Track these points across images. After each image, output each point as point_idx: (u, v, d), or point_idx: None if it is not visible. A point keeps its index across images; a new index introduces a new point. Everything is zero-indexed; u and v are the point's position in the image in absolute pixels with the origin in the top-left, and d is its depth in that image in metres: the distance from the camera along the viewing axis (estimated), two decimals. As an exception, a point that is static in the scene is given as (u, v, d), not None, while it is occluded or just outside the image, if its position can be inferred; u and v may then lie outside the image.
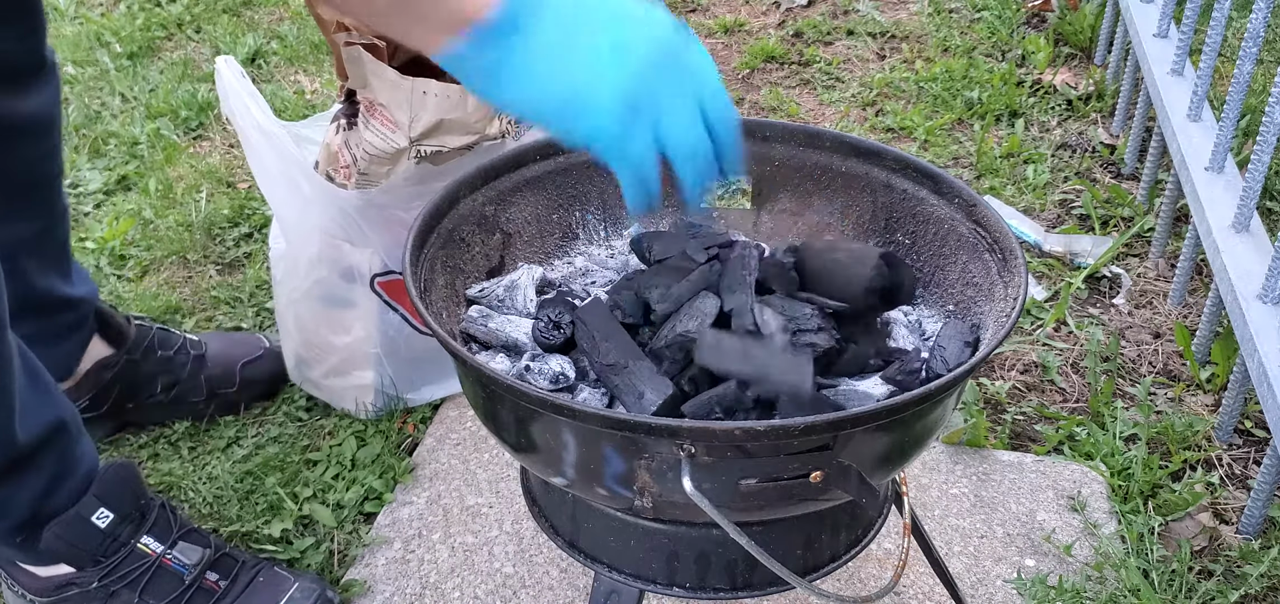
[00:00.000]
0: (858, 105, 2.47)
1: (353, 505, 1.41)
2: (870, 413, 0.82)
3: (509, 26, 0.77)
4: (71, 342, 1.44)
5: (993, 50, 2.71)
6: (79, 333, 1.45)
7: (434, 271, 1.02)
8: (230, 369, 1.56)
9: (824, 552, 0.99)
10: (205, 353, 1.56)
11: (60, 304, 1.39)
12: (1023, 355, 1.71)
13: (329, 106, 2.46)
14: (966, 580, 1.32)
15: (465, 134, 1.36)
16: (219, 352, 1.57)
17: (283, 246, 1.49)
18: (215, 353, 1.57)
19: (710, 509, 0.82)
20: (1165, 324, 1.78)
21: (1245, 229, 1.56)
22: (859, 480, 0.85)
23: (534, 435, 0.89)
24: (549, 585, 1.31)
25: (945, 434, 1.53)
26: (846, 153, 1.15)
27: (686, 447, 0.81)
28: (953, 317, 1.06)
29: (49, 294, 1.37)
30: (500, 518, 1.40)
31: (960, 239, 1.06)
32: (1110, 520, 1.40)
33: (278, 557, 1.33)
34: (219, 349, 1.58)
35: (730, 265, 1.00)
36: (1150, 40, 2.08)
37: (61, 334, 1.42)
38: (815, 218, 1.18)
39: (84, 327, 1.45)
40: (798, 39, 2.77)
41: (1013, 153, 2.23)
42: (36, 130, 1.28)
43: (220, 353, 1.57)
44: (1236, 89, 1.65)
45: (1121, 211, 2.04)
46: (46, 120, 1.29)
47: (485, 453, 1.50)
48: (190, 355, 1.54)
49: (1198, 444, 1.53)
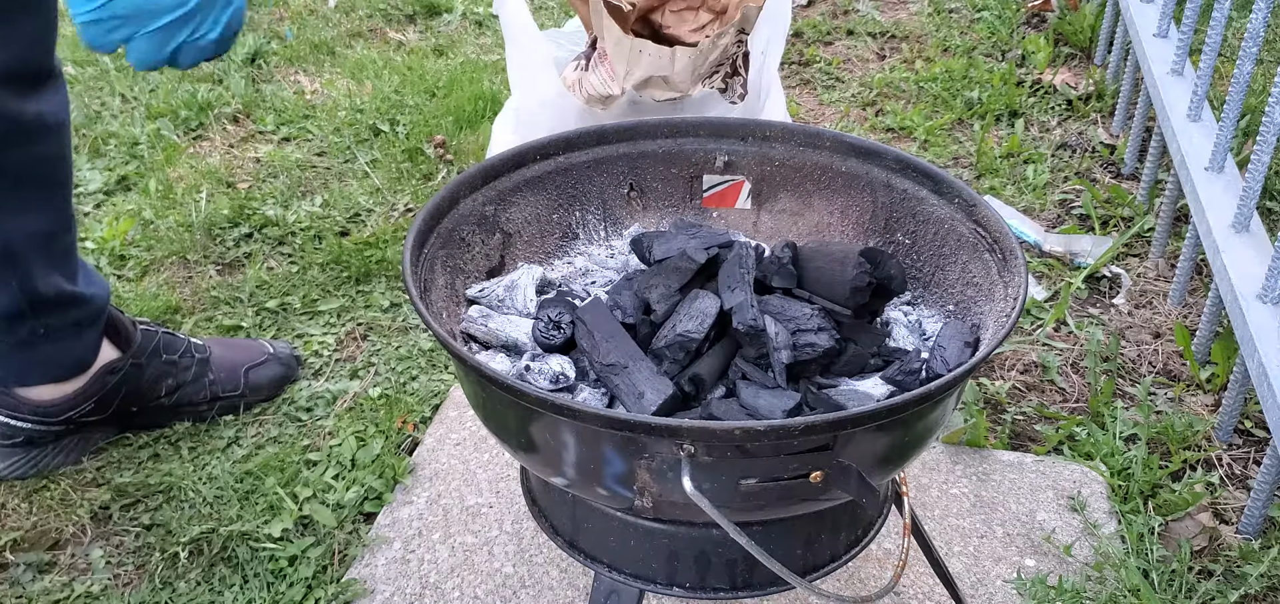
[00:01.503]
0: (858, 105, 2.47)
1: (353, 505, 1.41)
2: (870, 413, 0.82)
3: None
4: (86, 337, 1.44)
5: (993, 50, 2.71)
6: (93, 329, 1.45)
7: (434, 271, 1.02)
8: (235, 373, 1.57)
9: (824, 552, 0.99)
10: (210, 357, 1.56)
11: (69, 300, 1.40)
12: (1023, 355, 1.71)
13: (329, 105, 2.46)
14: (966, 580, 1.32)
15: (669, 91, 1.60)
16: (223, 356, 1.58)
17: (509, 135, 1.77)
18: (220, 357, 1.57)
19: (710, 509, 0.82)
20: (1165, 324, 1.78)
21: (1245, 229, 1.56)
22: (859, 480, 0.85)
23: (534, 435, 0.88)
24: (549, 585, 1.31)
25: (945, 434, 1.53)
26: (846, 153, 1.15)
27: (686, 447, 0.81)
28: (953, 316, 1.06)
29: (58, 291, 1.38)
30: (500, 518, 1.40)
31: (960, 239, 1.06)
32: (1110, 520, 1.40)
33: (278, 556, 1.33)
34: (223, 354, 1.58)
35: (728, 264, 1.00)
36: (1150, 40, 2.08)
37: (73, 329, 1.42)
38: (815, 218, 1.18)
39: (97, 324, 1.45)
40: (798, 39, 2.77)
41: (1013, 153, 2.23)
42: (46, 133, 1.30)
43: (225, 357, 1.58)
44: (1236, 89, 1.65)
45: (1121, 211, 2.04)
46: (55, 124, 1.31)
47: (485, 453, 1.50)
48: (195, 359, 1.54)
49: (1198, 444, 1.53)
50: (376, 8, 3.01)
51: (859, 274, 0.99)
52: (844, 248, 1.08)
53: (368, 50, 2.77)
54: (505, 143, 1.76)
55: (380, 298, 1.82)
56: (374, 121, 2.38)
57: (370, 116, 2.40)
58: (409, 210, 2.09)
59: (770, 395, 0.92)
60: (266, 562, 1.33)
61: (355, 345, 1.73)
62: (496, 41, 2.79)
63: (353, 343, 1.74)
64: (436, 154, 2.25)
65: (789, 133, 1.17)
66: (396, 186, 2.15)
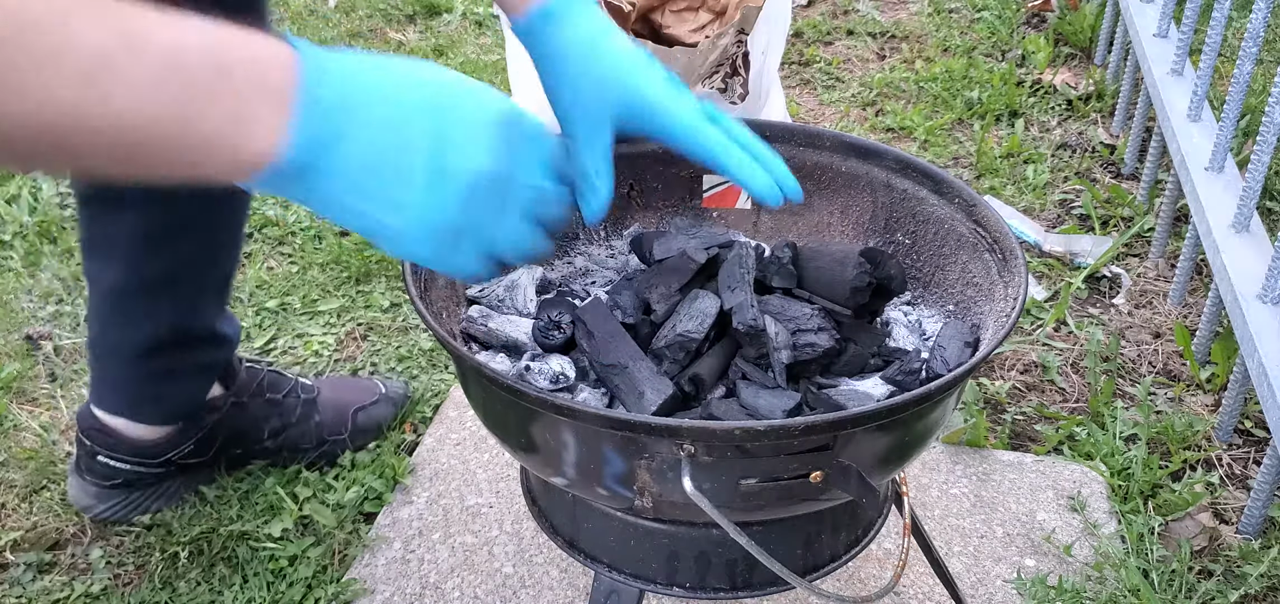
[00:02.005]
0: (858, 105, 2.47)
1: (352, 505, 1.41)
2: (870, 413, 0.82)
3: (305, 167, 0.63)
4: (208, 379, 1.37)
5: (993, 50, 2.71)
6: (215, 372, 1.38)
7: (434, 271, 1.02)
8: (342, 414, 1.48)
9: (824, 551, 0.99)
10: (316, 397, 1.47)
11: (210, 339, 1.33)
12: (1023, 355, 1.71)
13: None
14: (966, 580, 1.32)
15: None
16: (331, 397, 1.49)
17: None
18: (327, 398, 1.48)
19: (710, 509, 0.81)
20: (1165, 324, 1.78)
21: (1245, 229, 1.56)
22: (859, 480, 0.84)
23: (534, 435, 0.88)
24: (549, 585, 1.31)
25: (945, 434, 1.53)
26: (846, 153, 1.15)
27: (686, 447, 0.81)
28: (953, 316, 1.06)
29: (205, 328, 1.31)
30: (500, 518, 1.40)
31: (960, 239, 1.06)
32: (1110, 520, 1.40)
33: (278, 556, 1.33)
34: (332, 394, 1.49)
35: (728, 264, 1.00)
36: (1150, 40, 2.08)
37: (201, 371, 1.35)
38: (815, 218, 1.18)
39: (221, 367, 1.38)
40: (798, 38, 2.77)
41: (1013, 153, 2.23)
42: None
43: (332, 398, 1.49)
44: (1236, 89, 1.65)
45: (1121, 211, 2.04)
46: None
47: (485, 453, 1.50)
48: (300, 400, 1.45)
49: (1198, 444, 1.53)
50: (376, 8, 3.01)
51: (859, 274, 0.99)
52: (844, 248, 1.08)
53: (367, 50, 2.77)
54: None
55: (380, 298, 1.82)
56: (374, 121, 2.37)
57: (370, 116, 2.39)
58: (409, 210, 2.08)
59: (770, 395, 0.92)
60: (266, 562, 1.33)
61: (355, 345, 1.73)
62: (496, 41, 2.79)
63: (353, 343, 1.74)
64: (436, 154, 2.25)
65: (789, 133, 1.17)
66: (396, 186, 2.15)
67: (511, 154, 0.71)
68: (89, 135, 0.57)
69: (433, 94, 0.68)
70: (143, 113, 0.57)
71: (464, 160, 0.68)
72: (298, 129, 0.62)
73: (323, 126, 0.63)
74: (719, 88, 1.61)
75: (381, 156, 0.65)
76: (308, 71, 0.63)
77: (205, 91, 0.59)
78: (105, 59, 0.55)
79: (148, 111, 0.57)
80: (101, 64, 0.55)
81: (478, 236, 0.71)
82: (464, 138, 0.68)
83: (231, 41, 0.60)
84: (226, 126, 0.60)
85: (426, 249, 0.69)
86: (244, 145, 0.61)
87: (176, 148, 0.59)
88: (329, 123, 0.63)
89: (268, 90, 0.61)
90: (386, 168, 0.66)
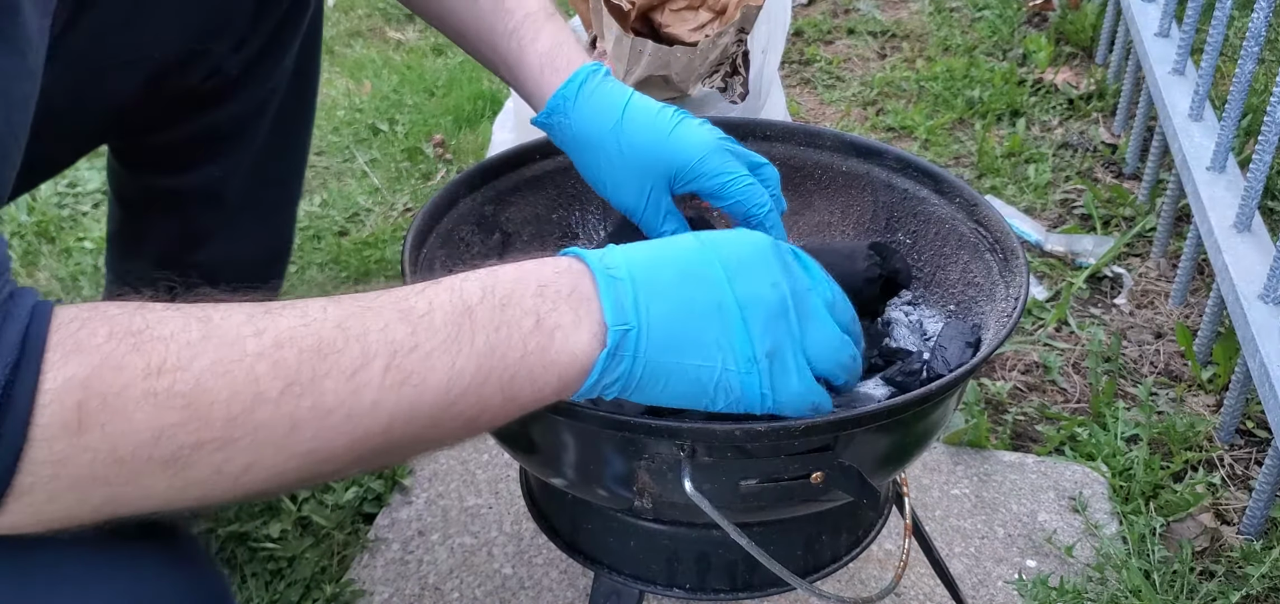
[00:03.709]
0: (858, 104, 2.46)
1: (351, 506, 1.41)
2: (871, 413, 0.81)
3: (624, 336, 0.69)
4: None
5: (994, 49, 2.70)
6: None
7: (433, 271, 1.02)
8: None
9: (825, 552, 0.99)
10: None
11: None
12: (1024, 355, 1.70)
13: (328, 104, 2.45)
14: (967, 581, 1.32)
15: (669, 90, 1.58)
16: None
17: (508, 134, 1.80)
18: None
19: (710, 510, 0.81)
20: (1167, 324, 1.77)
21: (1247, 229, 1.55)
22: (860, 481, 0.84)
23: (533, 436, 0.88)
24: (548, 586, 1.30)
25: (946, 435, 1.53)
26: (847, 152, 1.15)
27: (686, 447, 0.80)
28: (954, 317, 1.06)
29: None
30: (500, 518, 1.40)
31: (961, 239, 1.06)
32: (1112, 521, 1.40)
33: (277, 557, 1.33)
34: None
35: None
36: (1151, 39, 2.07)
37: None
38: (816, 217, 1.17)
39: None
40: (798, 38, 2.77)
41: (1014, 152, 2.23)
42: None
43: None
44: (1238, 88, 1.65)
45: (1123, 211, 2.04)
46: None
47: (485, 453, 1.50)
48: None
49: (1199, 444, 1.52)
50: (376, 6, 3.00)
51: (870, 266, 0.98)
52: (850, 243, 1.07)
53: (367, 49, 2.77)
54: (505, 142, 1.75)
55: (379, 298, 1.82)
56: (373, 121, 2.37)
57: (369, 116, 2.39)
58: (408, 210, 2.08)
59: (771, 396, 0.91)
60: (265, 562, 1.32)
61: (354, 345, 1.73)
62: (496, 41, 2.79)
63: (352, 343, 1.73)
64: (436, 153, 2.25)
65: (789, 132, 1.16)
66: (395, 186, 2.15)
67: (788, 268, 0.75)
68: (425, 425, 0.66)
69: (699, 245, 0.73)
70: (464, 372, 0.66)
71: (757, 284, 0.72)
72: (610, 313, 0.69)
73: (625, 296, 0.69)
74: (719, 87, 1.61)
75: (689, 305, 0.71)
76: (591, 261, 0.70)
77: (515, 323, 0.67)
78: (411, 343, 0.65)
79: (469, 368, 0.66)
80: (405, 350, 0.65)
81: (796, 351, 0.74)
82: (749, 265, 0.73)
83: (505, 274, 0.69)
84: (546, 341, 0.68)
85: (755, 378, 0.72)
86: (570, 346, 0.68)
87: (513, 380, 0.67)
88: (629, 292, 0.70)
89: (576, 296, 0.69)
90: (696, 313, 0.71)
